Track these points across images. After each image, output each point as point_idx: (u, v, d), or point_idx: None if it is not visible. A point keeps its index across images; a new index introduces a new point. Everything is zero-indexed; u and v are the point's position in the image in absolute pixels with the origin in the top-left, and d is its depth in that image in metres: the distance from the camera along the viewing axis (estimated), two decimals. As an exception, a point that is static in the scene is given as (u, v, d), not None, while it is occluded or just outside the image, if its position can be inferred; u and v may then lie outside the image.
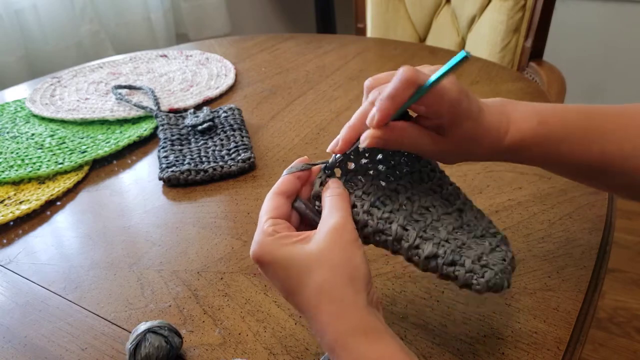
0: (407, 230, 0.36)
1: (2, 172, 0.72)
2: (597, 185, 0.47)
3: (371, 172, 0.40)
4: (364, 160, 0.40)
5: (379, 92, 0.38)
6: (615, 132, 0.40)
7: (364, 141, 0.36)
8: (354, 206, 0.38)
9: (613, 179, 0.42)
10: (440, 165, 0.42)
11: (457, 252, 0.36)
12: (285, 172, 0.40)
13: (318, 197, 0.39)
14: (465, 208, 0.40)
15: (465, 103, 0.38)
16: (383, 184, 0.39)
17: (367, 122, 0.36)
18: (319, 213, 0.38)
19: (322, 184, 0.39)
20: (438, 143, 0.39)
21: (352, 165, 0.40)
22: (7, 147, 0.79)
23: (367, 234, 0.38)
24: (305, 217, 0.39)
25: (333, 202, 0.37)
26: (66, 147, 0.77)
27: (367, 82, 0.40)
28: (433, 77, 0.35)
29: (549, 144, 0.40)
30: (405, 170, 0.41)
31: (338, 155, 0.39)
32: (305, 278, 0.33)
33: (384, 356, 0.31)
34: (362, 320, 0.32)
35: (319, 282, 0.33)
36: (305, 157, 0.41)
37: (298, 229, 0.38)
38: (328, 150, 0.39)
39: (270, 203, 0.38)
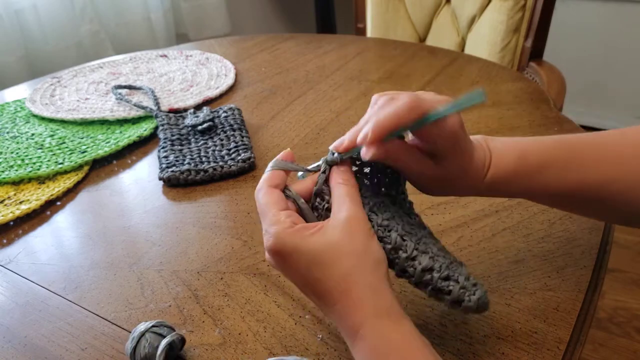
0: (405, 240, 0.37)
1: (2, 172, 0.72)
2: (582, 213, 0.47)
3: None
4: (354, 168, 0.40)
5: (379, 106, 0.37)
6: (593, 163, 0.40)
7: (366, 153, 0.36)
8: None
9: (592, 206, 0.42)
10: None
11: (451, 268, 0.37)
12: (271, 165, 0.40)
13: (320, 194, 0.39)
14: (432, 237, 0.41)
15: (463, 140, 0.38)
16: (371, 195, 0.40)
17: (359, 139, 0.36)
18: (316, 209, 0.38)
19: (325, 181, 0.39)
20: (430, 170, 0.39)
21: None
22: (7, 147, 0.79)
23: None
24: (297, 208, 0.39)
25: (347, 191, 0.37)
26: (66, 147, 0.77)
27: (374, 98, 0.39)
28: (443, 111, 0.34)
29: (528, 178, 0.40)
30: (383, 190, 0.41)
31: (336, 154, 0.39)
32: (331, 267, 0.34)
33: (405, 337, 0.33)
34: (387, 303, 0.34)
35: (346, 270, 0.34)
36: (289, 149, 0.41)
37: None
38: (331, 147, 0.39)
39: (270, 197, 0.38)
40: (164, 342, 0.42)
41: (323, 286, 0.34)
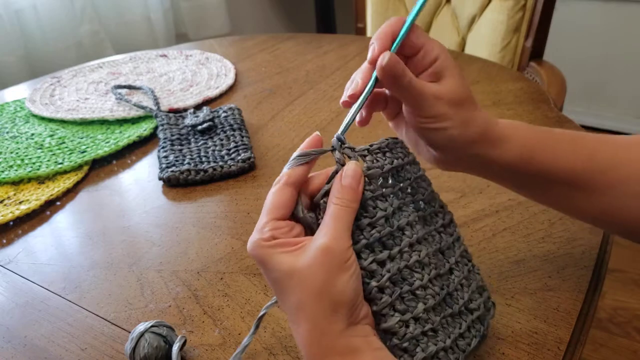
0: (383, 293, 0.34)
1: (2, 172, 0.72)
2: (572, 205, 0.42)
3: (387, 189, 0.37)
4: (380, 180, 0.37)
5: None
6: (600, 143, 0.40)
7: (382, 59, 0.37)
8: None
9: (591, 194, 0.40)
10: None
11: (416, 341, 0.34)
12: (292, 160, 0.36)
13: (319, 206, 0.35)
14: (457, 268, 0.39)
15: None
16: (394, 222, 0.36)
17: (369, 56, 0.39)
18: (317, 223, 0.35)
19: (327, 193, 0.35)
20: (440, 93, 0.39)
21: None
22: (7, 147, 0.79)
23: None
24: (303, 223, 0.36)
25: (332, 213, 0.34)
26: (66, 147, 0.77)
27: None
28: (411, 15, 0.38)
29: (533, 143, 0.40)
30: (422, 204, 0.39)
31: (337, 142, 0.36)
32: (289, 294, 0.33)
33: None
34: (339, 344, 0.32)
35: (299, 302, 0.32)
36: (317, 133, 0.37)
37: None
38: (347, 95, 0.38)
39: (276, 199, 0.35)
40: (162, 342, 0.42)
41: (284, 305, 0.34)
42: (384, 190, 0.36)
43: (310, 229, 0.35)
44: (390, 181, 0.37)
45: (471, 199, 0.58)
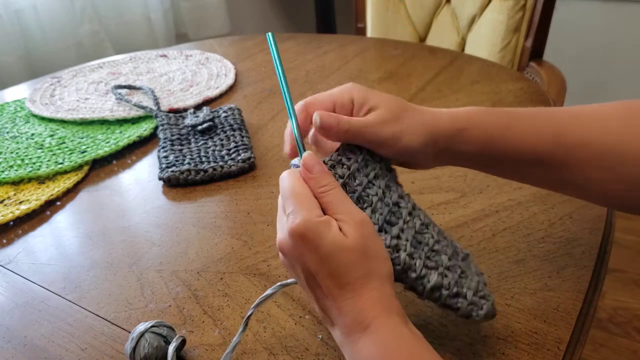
0: (414, 259, 0.37)
1: (2, 172, 0.72)
2: (543, 181, 0.43)
3: (369, 175, 0.40)
4: (360, 176, 0.39)
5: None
6: (569, 119, 0.40)
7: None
8: None
9: (561, 171, 0.40)
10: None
11: (460, 283, 0.38)
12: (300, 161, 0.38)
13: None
14: (435, 225, 0.42)
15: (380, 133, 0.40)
16: (388, 200, 0.39)
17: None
18: None
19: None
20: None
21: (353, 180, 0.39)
22: (7, 147, 0.79)
23: None
24: None
25: (333, 200, 0.36)
26: (66, 147, 0.77)
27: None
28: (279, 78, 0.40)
29: (492, 128, 0.40)
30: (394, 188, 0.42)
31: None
32: (353, 264, 0.34)
33: (415, 335, 0.34)
34: (396, 305, 0.35)
35: (366, 270, 0.34)
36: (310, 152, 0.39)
37: None
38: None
39: (308, 189, 0.37)
40: (162, 342, 0.42)
41: (339, 279, 0.34)
42: (367, 177, 0.39)
43: None
44: (368, 167, 0.40)
45: (471, 199, 0.58)
